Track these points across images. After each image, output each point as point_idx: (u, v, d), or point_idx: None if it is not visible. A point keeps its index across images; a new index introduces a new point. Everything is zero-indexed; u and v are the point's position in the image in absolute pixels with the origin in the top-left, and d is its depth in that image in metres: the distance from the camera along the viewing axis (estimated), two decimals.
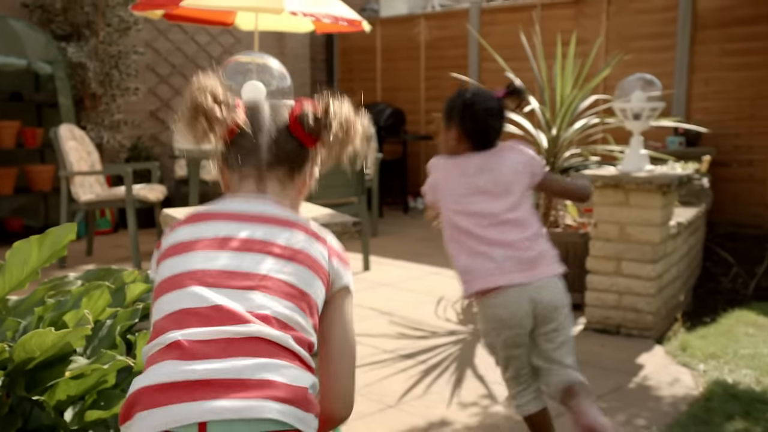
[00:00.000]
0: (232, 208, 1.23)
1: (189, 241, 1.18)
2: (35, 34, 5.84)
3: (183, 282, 1.13)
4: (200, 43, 7.54)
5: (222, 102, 1.23)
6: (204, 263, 1.14)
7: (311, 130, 1.26)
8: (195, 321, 1.07)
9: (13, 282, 1.66)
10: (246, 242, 1.16)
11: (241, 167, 1.26)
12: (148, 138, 7.25)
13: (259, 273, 1.13)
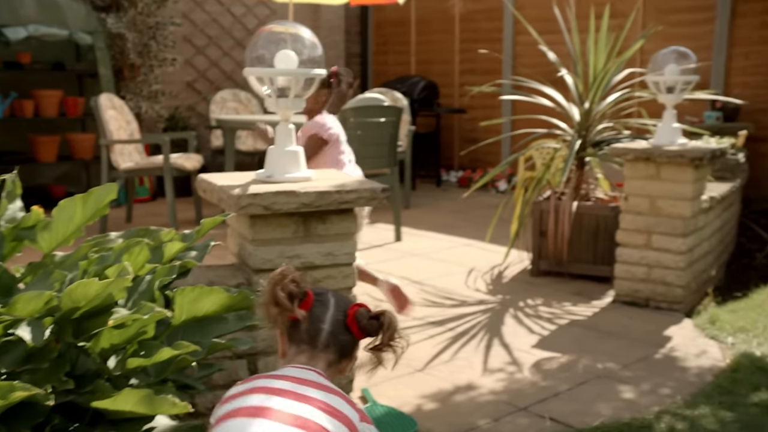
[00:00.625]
0: (287, 374, 1.45)
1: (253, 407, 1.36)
2: (76, 5, 5.96)
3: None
4: (236, 15, 7.61)
5: (295, 296, 1.49)
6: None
7: (364, 328, 1.51)
8: None
9: (59, 238, 1.75)
10: (297, 395, 1.38)
11: (299, 344, 1.50)
12: (185, 108, 7.37)
13: (305, 416, 1.34)
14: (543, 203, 4.30)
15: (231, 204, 2.11)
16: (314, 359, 1.49)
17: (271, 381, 1.41)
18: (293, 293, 1.49)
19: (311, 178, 2.31)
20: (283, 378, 1.42)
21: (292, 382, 1.41)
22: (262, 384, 1.40)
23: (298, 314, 1.48)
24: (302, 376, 1.44)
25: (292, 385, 1.39)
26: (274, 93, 2.24)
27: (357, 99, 5.31)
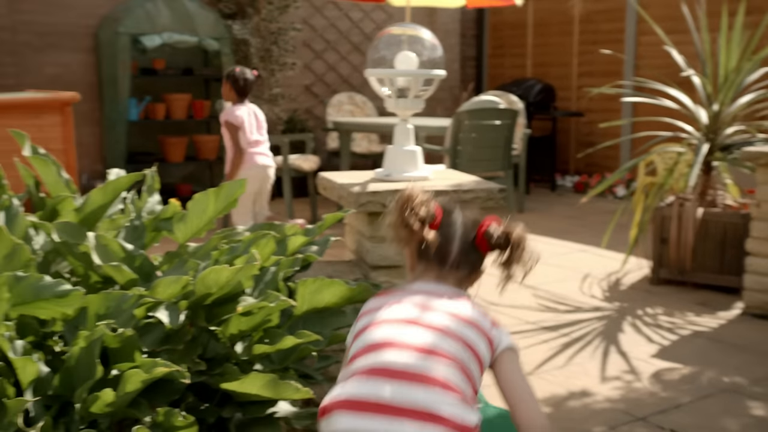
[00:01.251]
0: (420, 288, 1.48)
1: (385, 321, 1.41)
2: (205, 12, 6.28)
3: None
4: (353, 20, 7.77)
5: (424, 218, 1.47)
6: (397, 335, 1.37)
7: (493, 245, 1.50)
8: (392, 354, 1.32)
9: (193, 229, 1.86)
10: (427, 307, 1.41)
11: (428, 263, 1.50)
12: (303, 111, 7.59)
13: (443, 324, 1.38)
14: (665, 209, 4.13)
15: (350, 201, 2.17)
16: (443, 278, 1.50)
17: (404, 295, 1.44)
18: (422, 215, 1.47)
19: (429, 177, 2.33)
20: (416, 293, 1.45)
21: (423, 295, 1.43)
22: (397, 298, 1.43)
23: (428, 237, 1.46)
24: (434, 289, 1.46)
25: (424, 297, 1.42)
26: (394, 93, 2.28)
27: (472, 102, 5.30)
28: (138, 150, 6.58)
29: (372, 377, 1.28)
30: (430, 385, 1.26)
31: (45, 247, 1.75)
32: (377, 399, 1.24)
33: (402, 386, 1.25)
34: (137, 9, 6.03)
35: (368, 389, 1.26)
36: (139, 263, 1.73)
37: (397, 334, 1.33)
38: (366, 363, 1.30)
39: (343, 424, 1.25)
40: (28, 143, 1.81)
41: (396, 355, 1.29)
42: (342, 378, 1.35)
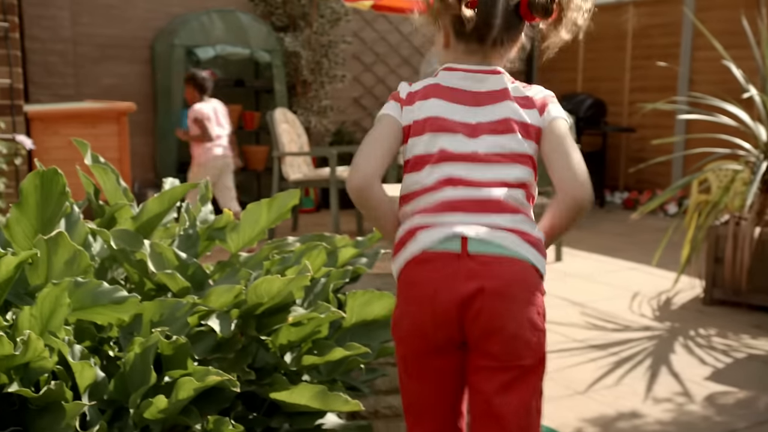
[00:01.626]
0: (468, 86, 1.40)
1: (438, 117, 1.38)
2: (258, 25, 6.38)
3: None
4: (403, 33, 7.80)
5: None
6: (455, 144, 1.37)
7: (539, 13, 1.37)
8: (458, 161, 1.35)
9: (246, 239, 1.88)
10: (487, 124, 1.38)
11: (468, 42, 1.40)
12: (351, 123, 7.64)
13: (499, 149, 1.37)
14: (720, 228, 4.03)
15: None
16: (487, 58, 1.42)
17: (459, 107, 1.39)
18: None
19: None
20: (460, 94, 1.40)
21: (470, 102, 1.39)
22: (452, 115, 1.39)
23: (465, 15, 1.35)
24: (477, 83, 1.40)
25: (471, 112, 1.39)
26: None
27: None
28: (188, 160, 6.69)
29: (444, 213, 1.31)
30: (503, 212, 1.32)
31: (102, 253, 1.79)
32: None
33: (477, 215, 1.31)
34: (192, 22, 6.16)
35: (444, 219, 1.31)
36: (192, 271, 1.75)
37: (461, 173, 1.33)
38: (432, 200, 1.33)
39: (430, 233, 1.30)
40: (89, 152, 1.86)
41: (463, 192, 1.32)
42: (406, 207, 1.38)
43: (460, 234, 1.28)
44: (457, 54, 1.42)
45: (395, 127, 1.38)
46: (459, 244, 1.28)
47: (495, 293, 1.26)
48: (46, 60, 6.09)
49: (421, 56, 7.91)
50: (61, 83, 6.16)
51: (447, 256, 1.28)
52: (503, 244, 1.29)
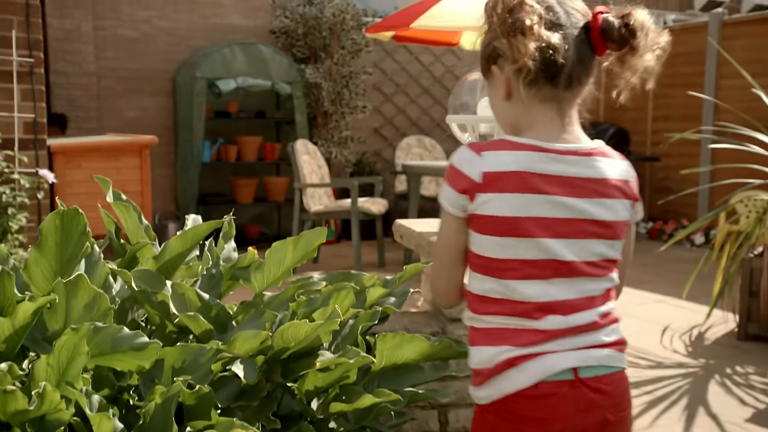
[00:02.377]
0: (557, 170, 1.17)
1: (517, 217, 1.17)
2: (279, 57, 6.39)
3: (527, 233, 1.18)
4: (424, 63, 7.79)
5: (532, 20, 1.13)
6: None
7: (616, 41, 1.18)
8: (549, 272, 1.18)
9: (270, 278, 1.82)
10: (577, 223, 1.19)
11: (538, 86, 1.17)
12: (372, 154, 7.61)
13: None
14: (754, 260, 3.91)
15: (429, 251, 2.09)
16: (564, 104, 1.19)
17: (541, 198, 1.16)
18: (534, 16, 1.13)
19: None
20: (553, 184, 1.16)
21: (566, 195, 1.17)
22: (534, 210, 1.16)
23: (552, 42, 1.12)
24: (565, 147, 1.17)
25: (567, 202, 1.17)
26: (476, 140, 2.22)
27: None
28: (209, 191, 6.70)
29: (549, 341, 1.18)
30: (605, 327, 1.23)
31: (123, 294, 1.73)
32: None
33: (582, 336, 1.21)
34: (214, 54, 6.19)
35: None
36: (215, 313, 1.69)
37: (563, 293, 1.18)
38: (534, 326, 1.18)
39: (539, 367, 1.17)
40: (110, 189, 1.81)
41: (567, 320, 1.19)
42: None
43: (572, 365, 1.17)
44: (525, 105, 1.19)
45: (461, 227, 1.19)
46: (572, 373, 1.17)
47: (617, 422, 1.21)
48: (70, 94, 6.13)
49: (441, 86, 7.89)
50: (85, 117, 6.20)
51: (561, 388, 1.17)
52: (610, 363, 1.21)
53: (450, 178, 1.18)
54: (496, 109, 1.26)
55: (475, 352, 1.23)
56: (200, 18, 6.71)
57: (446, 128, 8.00)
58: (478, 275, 1.21)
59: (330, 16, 6.51)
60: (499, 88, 1.22)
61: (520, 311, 1.18)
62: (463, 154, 1.18)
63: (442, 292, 1.28)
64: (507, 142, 1.18)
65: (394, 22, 5.54)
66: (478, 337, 1.23)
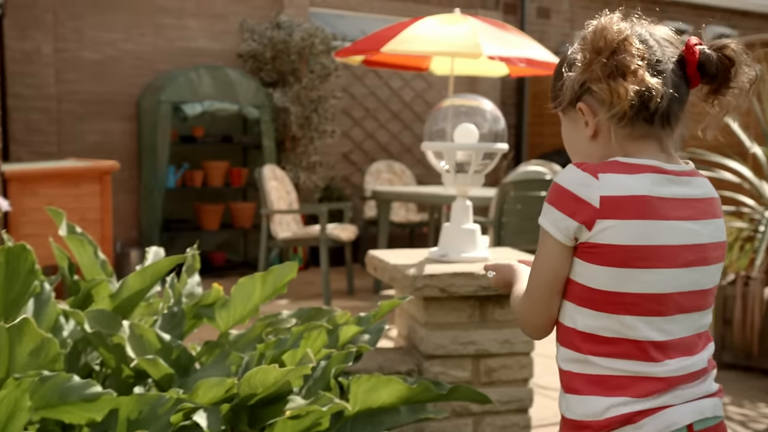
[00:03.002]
0: (678, 192, 1.10)
1: (644, 246, 1.07)
2: (247, 81, 6.29)
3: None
4: (393, 88, 7.75)
5: (643, 58, 1.06)
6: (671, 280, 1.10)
7: (712, 75, 1.10)
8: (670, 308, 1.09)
9: (236, 317, 1.70)
10: (704, 253, 1.12)
11: (634, 125, 1.09)
12: (340, 179, 7.52)
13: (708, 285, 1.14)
14: (727, 288, 3.88)
15: (405, 285, 2.00)
16: (663, 142, 1.11)
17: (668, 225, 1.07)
18: (644, 56, 1.05)
19: (488, 258, 2.16)
20: (678, 209, 1.08)
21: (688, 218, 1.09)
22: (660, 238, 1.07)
23: (653, 85, 1.04)
24: (691, 194, 1.10)
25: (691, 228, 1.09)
26: (453, 168, 2.14)
27: (518, 172, 5.15)
28: (174, 217, 6.53)
29: (666, 391, 1.07)
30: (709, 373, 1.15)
31: (75, 335, 1.59)
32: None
33: (693, 385, 1.11)
34: (180, 78, 6.06)
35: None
36: (177, 355, 1.56)
37: (673, 329, 1.09)
38: (651, 372, 1.08)
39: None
40: (64, 222, 1.68)
41: (684, 364, 1.10)
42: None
43: (690, 420, 1.08)
44: (617, 144, 1.10)
45: (568, 256, 1.09)
46: (686, 428, 1.08)
47: None
48: (28, 117, 5.94)
49: (411, 111, 7.85)
50: (43, 141, 6.00)
51: None
52: (716, 413, 1.12)
53: (559, 201, 1.07)
54: (577, 147, 1.16)
55: (581, 402, 1.10)
56: (166, 41, 6.59)
57: (416, 153, 7.94)
58: (588, 311, 1.09)
59: (299, 40, 6.44)
60: (581, 126, 1.14)
61: (638, 353, 1.07)
62: (576, 175, 1.07)
63: (538, 326, 1.14)
64: (622, 163, 1.08)
65: (364, 46, 5.49)
66: (584, 384, 1.09)
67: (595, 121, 1.11)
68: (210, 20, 6.76)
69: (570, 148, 1.19)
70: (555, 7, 9.11)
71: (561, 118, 1.20)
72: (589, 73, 1.08)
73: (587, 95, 1.11)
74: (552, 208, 1.07)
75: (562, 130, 1.21)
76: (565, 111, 1.16)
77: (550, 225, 1.07)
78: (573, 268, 1.09)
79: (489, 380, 2.06)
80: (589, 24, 1.10)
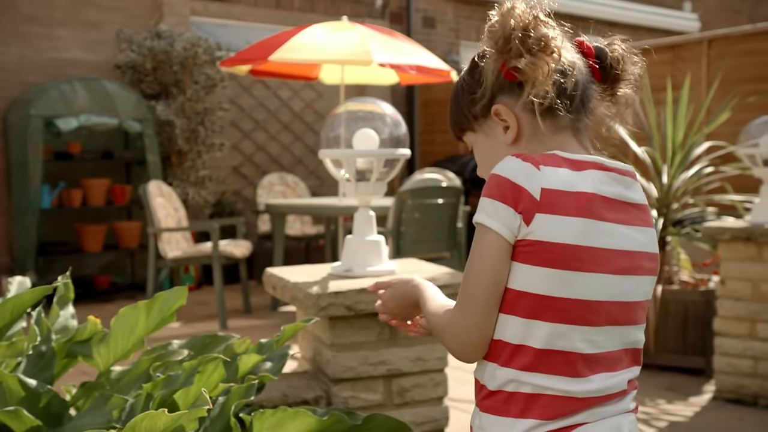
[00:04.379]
0: (616, 193, 1.01)
1: (583, 246, 0.98)
2: (126, 93, 5.93)
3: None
4: (282, 98, 7.56)
5: (544, 42, 1.00)
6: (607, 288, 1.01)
7: (606, 69, 1.08)
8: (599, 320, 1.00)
9: (118, 353, 1.49)
10: (634, 260, 1.03)
11: (550, 118, 1.03)
12: (231, 193, 7.24)
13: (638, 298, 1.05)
14: None
15: (309, 305, 1.84)
16: (580, 134, 1.06)
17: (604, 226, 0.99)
18: (541, 37, 1.00)
19: (395, 271, 2.03)
20: (610, 210, 1.00)
21: (619, 222, 1.01)
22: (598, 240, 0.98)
23: (569, 60, 1.02)
24: (620, 195, 1.01)
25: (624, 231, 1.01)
26: (353, 177, 2.00)
27: (414, 180, 5.09)
28: (51, 240, 6.06)
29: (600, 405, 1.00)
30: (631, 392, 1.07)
31: None
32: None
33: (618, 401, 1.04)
34: (51, 91, 5.63)
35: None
36: (46, 402, 1.34)
37: (605, 344, 1.01)
38: (584, 389, 0.99)
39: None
40: None
41: (614, 381, 1.02)
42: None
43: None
44: (538, 140, 1.04)
45: (508, 254, 0.98)
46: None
47: None
48: None
49: (301, 121, 7.68)
50: None
51: None
52: (633, 430, 1.06)
53: (499, 192, 0.97)
54: (498, 157, 1.03)
55: (496, 423, 1.00)
56: (34, 52, 6.12)
57: (309, 165, 7.77)
58: (518, 319, 0.98)
59: (181, 49, 6.14)
60: (498, 133, 1.07)
61: (565, 367, 0.98)
62: (515, 165, 0.98)
63: (476, 343, 1.00)
64: (564, 158, 1.00)
65: (250, 55, 5.28)
66: (501, 403, 1.00)
67: (514, 118, 1.05)
68: (83, 29, 6.34)
69: (486, 165, 1.08)
70: (440, 16, 9.21)
71: (472, 140, 1.12)
72: (506, 54, 1.00)
73: (501, 95, 1.05)
74: (492, 201, 0.97)
75: (475, 152, 1.13)
76: (478, 127, 1.10)
77: (491, 219, 0.97)
78: (510, 273, 0.99)
79: (402, 401, 1.94)
80: (491, 15, 1.04)
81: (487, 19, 1.05)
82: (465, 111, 1.10)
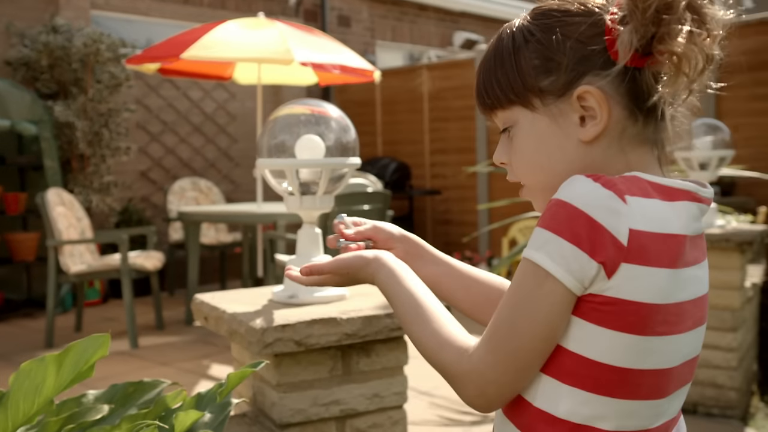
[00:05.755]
0: (694, 229, 0.79)
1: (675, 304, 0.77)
2: (19, 93, 5.41)
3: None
4: (193, 99, 7.16)
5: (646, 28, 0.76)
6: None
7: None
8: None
9: (20, 417, 1.19)
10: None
11: (648, 121, 0.80)
12: (139, 200, 6.79)
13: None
14: None
15: (252, 341, 1.58)
16: (660, 151, 0.83)
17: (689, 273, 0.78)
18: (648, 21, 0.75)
19: (345, 296, 1.80)
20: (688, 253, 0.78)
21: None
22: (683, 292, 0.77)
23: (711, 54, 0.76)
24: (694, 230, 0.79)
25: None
26: (297, 189, 1.75)
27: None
28: None
29: None
30: None
31: None
32: None
33: None
34: None
35: None
36: None
37: (671, 410, 0.82)
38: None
39: None
40: None
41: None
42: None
43: None
44: (619, 148, 0.80)
45: (569, 308, 0.75)
46: None
47: None
48: None
49: (214, 123, 7.30)
50: None
51: None
52: None
53: (570, 229, 0.72)
54: (555, 157, 0.81)
55: None
56: None
57: (222, 169, 7.39)
58: (582, 393, 0.76)
59: (81, 46, 5.67)
60: (570, 123, 0.80)
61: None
62: (593, 192, 0.73)
63: (506, 399, 0.79)
64: (648, 182, 0.76)
65: (160, 52, 4.90)
66: None
67: (607, 111, 0.78)
68: None
69: (534, 160, 0.84)
70: (355, 15, 9.00)
71: (517, 121, 0.84)
72: (656, 26, 0.74)
73: (591, 74, 0.79)
74: (558, 239, 0.73)
75: (518, 140, 0.85)
76: (541, 105, 0.82)
77: (556, 264, 0.73)
78: (571, 332, 0.76)
79: None
80: None
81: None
82: (522, 79, 0.82)
